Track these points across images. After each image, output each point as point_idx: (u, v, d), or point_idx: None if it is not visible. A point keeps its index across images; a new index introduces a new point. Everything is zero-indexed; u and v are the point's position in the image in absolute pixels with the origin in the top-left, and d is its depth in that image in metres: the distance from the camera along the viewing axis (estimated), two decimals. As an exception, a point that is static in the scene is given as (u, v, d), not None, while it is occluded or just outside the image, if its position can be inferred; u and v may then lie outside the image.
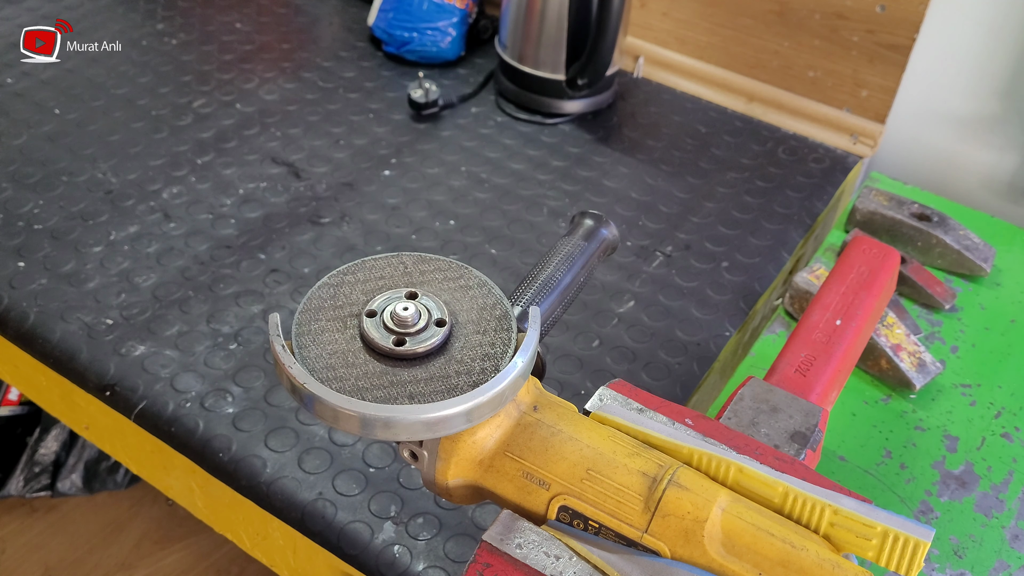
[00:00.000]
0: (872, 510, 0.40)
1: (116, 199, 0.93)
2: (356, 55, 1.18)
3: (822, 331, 0.62)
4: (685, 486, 0.40)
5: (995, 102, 1.00)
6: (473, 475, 0.44)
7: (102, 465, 1.49)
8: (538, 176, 1.00)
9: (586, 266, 0.52)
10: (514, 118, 1.08)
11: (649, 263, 0.90)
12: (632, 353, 0.80)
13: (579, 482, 0.41)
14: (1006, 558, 0.65)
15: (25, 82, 1.09)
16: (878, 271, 0.69)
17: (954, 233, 0.88)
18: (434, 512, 0.67)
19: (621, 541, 0.41)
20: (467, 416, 0.40)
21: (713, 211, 0.96)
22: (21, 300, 0.81)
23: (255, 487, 0.69)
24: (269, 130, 1.04)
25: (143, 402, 0.73)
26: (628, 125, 1.09)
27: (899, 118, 1.06)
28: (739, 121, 1.10)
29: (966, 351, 0.81)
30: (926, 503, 0.68)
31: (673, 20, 1.14)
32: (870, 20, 1.00)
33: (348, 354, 0.42)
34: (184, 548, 1.45)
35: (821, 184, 1.01)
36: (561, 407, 0.46)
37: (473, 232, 0.92)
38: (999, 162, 1.02)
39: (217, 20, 1.24)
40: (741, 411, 0.53)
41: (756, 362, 0.79)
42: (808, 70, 1.07)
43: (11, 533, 1.45)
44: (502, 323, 0.44)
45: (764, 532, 0.39)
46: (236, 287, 0.84)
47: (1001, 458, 0.72)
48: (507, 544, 0.40)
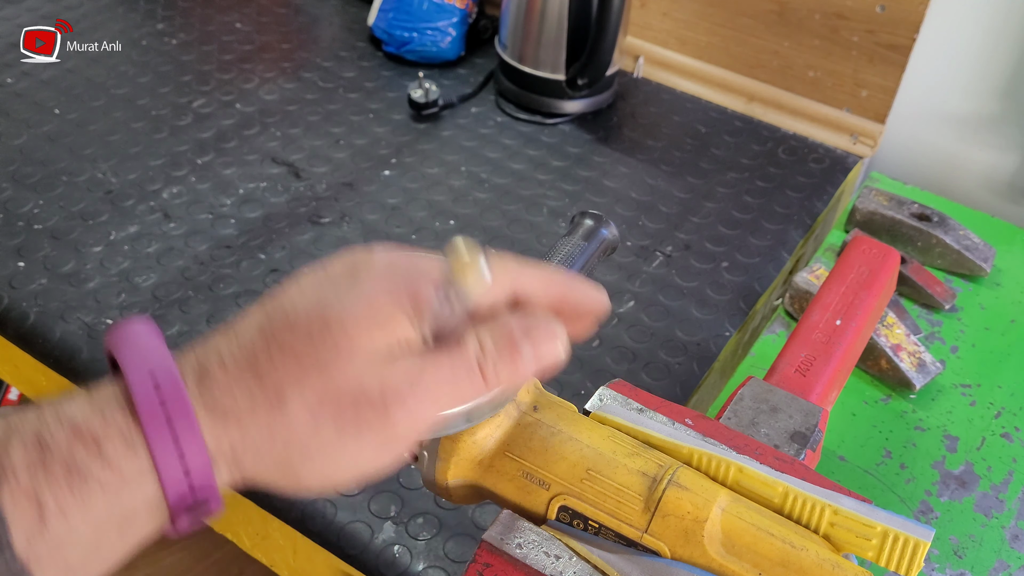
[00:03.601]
0: (872, 510, 0.40)
1: (116, 199, 0.93)
2: (356, 55, 1.18)
3: (822, 331, 0.62)
4: (685, 486, 0.40)
5: (995, 102, 1.00)
6: (473, 475, 0.44)
7: (102, 465, 1.49)
8: (538, 176, 1.00)
9: (586, 266, 0.52)
10: (514, 118, 1.08)
11: (649, 263, 0.90)
12: (632, 353, 0.80)
13: (579, 482, 0.41)
14: (1006, 558, 0.65)
15: (25, 82, 1.09)
16: (878, 271, 0.69)
17: (954, 233, 0.88)
18: (434, 512, 0.67)
19: (621, 541, 0.41)
20: (467, 416, 0.40)
21: (713, 211, 0.96)
22: (21, 300, 0.81)
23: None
24: (269, 130, 1.04)
25: (143, 402, 0.73)
26: (628, 125, 1.09)
27: (899, 118, 1.06)
28: (739, 121, 1.10)
29: (966, 351, 0.81)
30: (926, 503, 0.68)
31: (673, 20, 1.14)
32: (870, 20, 1.00)
33: (348, 354, 0.42)
34: (184, 548, 1.45)
35: (821, 184, 1.01)
36: (561, 407, 0.46)
37: (473, 232, 0.92)
38: (999, 162, 1.02)
39: (217, 20, 1.24)
40: (741, 411, 0.53)
41: (756, 362, 0.79)
42: (808, 70, 1.07)
43: (11, 533, 1.45)
44: (502, 323, 0.44)
45: (764, 532, 0.39)
46: (236, 287, 0.84)
47: (1001, 458, 0.72)
48: (507, 544, 0.40)
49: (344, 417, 0.31)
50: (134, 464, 0.30)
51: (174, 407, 0.30)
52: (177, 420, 0.30)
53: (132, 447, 0.30)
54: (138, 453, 0.30)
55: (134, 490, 0.30)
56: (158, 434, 0.30)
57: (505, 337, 0.34)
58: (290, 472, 0.32)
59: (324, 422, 0.31)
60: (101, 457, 0.29)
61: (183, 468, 0.30)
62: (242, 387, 0.31)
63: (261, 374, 0.31)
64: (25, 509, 0.28)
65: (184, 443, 0.30)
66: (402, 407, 0.31)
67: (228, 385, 0.31)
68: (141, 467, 0.30)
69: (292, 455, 0.31)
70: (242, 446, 0.31)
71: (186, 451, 0.30)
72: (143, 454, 0.30)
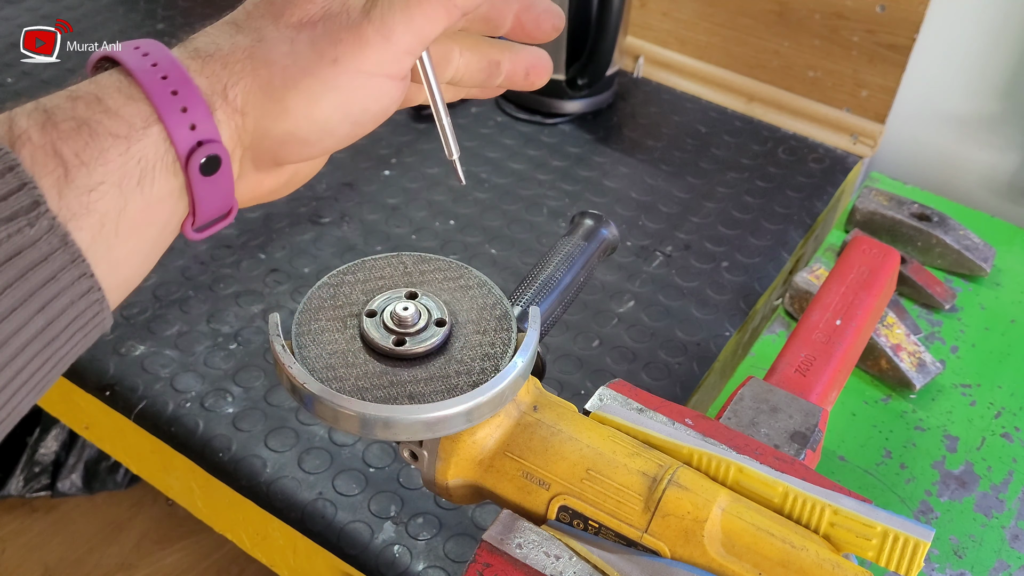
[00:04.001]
0: (872, 510, 0.40)
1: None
2: (356, 55, 1.18)
3: (822, 331, 0.62)
4: (685, 486, 0.40)
5: (995, 102, 1.00)
6: (473, 475, 0.44)
7: (102, 465, 1.49)
8: (538, 176, 1.00)
9: (586, 266, 0.52)
10: (514, 118, 1.08)
11: (649, 263, 0.90)
12: (632, 353, 0.80)
13: (579, 482, 0.41)
14: (1006, 558, 0.65)
15: (25, 82, 1.09)
16: (878, 271, 0.69)
17: (954, 233, 0.88)
18: (434, 512, 0.67)
19: (621, 541, 0.41)
20: (467, 416, 0.40)
21: (713, 211, 0.96)
22: (21, 300, 0.81)
23: (255, 487, 0.69)
24: (269, 130, 1.04)
25: (143, 402, 0.73)
26: (628, 125, 1.09)
27: (899, 118, 1.06)
28: (739, 121, 1.10)
29: (966, 351, 0.81)
30: (926, 503, 0.68)
31: (673, 20, 1.14)
32: (870, 20, 1.00)
33: (348, 354, 0.42)
34: (184, 548, 1.45)
35: (821, 184, 1.01)
36: (561, 407, 0.46)
37: (473, 232, 0.92)
38: (999, 162, 1.02)
39: (217, 20, 1.24)
40: (741, 411, 0.54)
41: (756, 362, 0.79)
42: (808, 70, 1.07)
43: (11, 533, 1.45)
44: (502, 323, 0.44)
45: (764, 532, 0.39)
46: (236, 287, 0.84)
47: (1001, 458, 0.72)
48: (507, 544, 0.40)
49: (316, 32, 0.33)
50: (136, 111, 0.31)
51: (161, 59, 0.32)
52: (166, 67, 0.31)
53: (132, 98, 0.31)
54: (138, 102, 0.31)
55: (143, 139, 0.31)
56: (151, 82, 0.31)
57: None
58: (275, 98, 0.33)
59: (300, 42, 0.33)
60: (105, 111, 0.30)
61: (181, 106, 0.31)
62: (224, 35, 0.34)
63: (240, 23, 0.34)
64: (45, 164, 0.29)
65: (177, 84, 0.31)
66: (369, 23, 0.33)
67: (211, 39, 0.34)
68: (144, 114, 0.31)
69: (274, 78, 0.33)
70: (229, 80, 0.32)
71: (180, 90, 0.31)
72: (143, 102, 0.31)
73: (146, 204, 0.31)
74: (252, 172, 0.35)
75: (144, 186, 0.31)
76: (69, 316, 0.29)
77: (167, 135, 0.31)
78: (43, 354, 0.29)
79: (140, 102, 0.31)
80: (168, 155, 0.31)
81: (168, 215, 0.32)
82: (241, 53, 0.33)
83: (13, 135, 0.29)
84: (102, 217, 0.30)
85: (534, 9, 0.40)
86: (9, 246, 0.27)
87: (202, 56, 0.33)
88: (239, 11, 0.35)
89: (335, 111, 0.34)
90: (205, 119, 0.31)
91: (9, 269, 0.26)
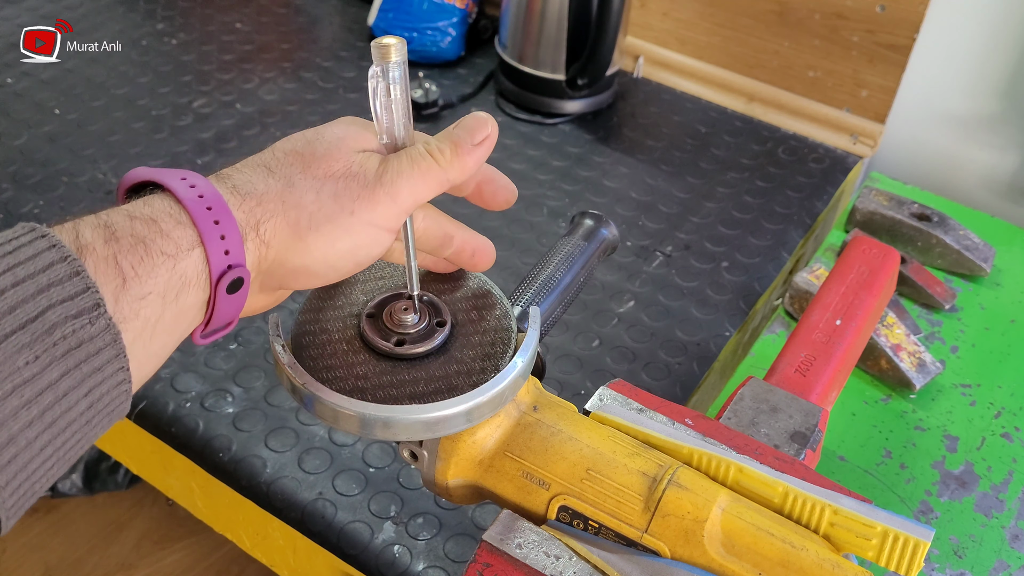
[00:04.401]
0: (872, 510, 0.40)
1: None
2: (356, 55, 1.18)
3: (822, 331, 0.62)
4: (685, 486, 0.40)
5: (995, 102, 1.00)
6: (473, 475, 0.44)
7: (102, 465, 1.49)
8: (538, 176, 1.00)
9: (586, 266, 0.52)
10: (514, 118, 1.08)
11: (649, 263, 0.90)
12: (632, 353, 0.80)
13: (579, 482, 0.41)
14: (1006, 558, 0.65)
15: (25, 82, 1.09)
16: (878, 271, 0.69)
17: (954, 233, 0.88)
18: (434, 512, 0.67)
19: (621, 541, 0.41)
20: (467, 416, 0.40)
21: (713, 211, 0.96)
22: (21, 300, 0.81)
23: (255, 487, 0.69)
24: (269, 130, 1.04)
25: (143, 402, 0.73)
26: (628, 125, 1.09)
27: (899, 118, 1.06)
28: (739, 121, 1.10)
29: (966, 351, 0.81)
30: (926, 503, 0.68)
31: (673, 20, 1.14)
32: (870, 20, 1.00)
33: (348, 354, 0.42)
34: (184, 548, 1.45)
35: (821, 184, 1.01)
36: (561, 407, 0.46)
37: (473, 232, 0.92)
38: (999, 162, 1.02)
39: (217, 20, 1.24)
40: (741, 411, 0.54)
41: (756, 362, 0.79)
42: (808, 70, 1.07)
43: (11, 533, 1.45)
44: (502, 323, 0.44)
45: (764, 532, 0.39)
46: (236, 287, 0.84)
47: (1001, 458, 0.72)
48: (507, 544, 0.40)
49: (339, 186, 0.40)
50: (183, 235, 0.36)
51: (206, 192, 0.37)
52: (210, 199, 0.37)
53: (180, 223, 0.36)
54: (186, 227, 0.36)
55: (187, 259, 0.36)
56: (199, 212, 0.36)
57: (442, 133, 0.42)
58: (299, 237, 0.39)
59: (324, 193, 0.39)
60: (159, 232, 0.36)
61: (220, 234, 0.36)
62: (259, 177, 0.39)
63: (272, 168, 0.40)
64: (107, 273, 0.34)
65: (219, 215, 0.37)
66: (381, 186, 0.40)
67: (247, 177, 0.39)
68: (190, 238, 0.36)
69: (300, 220, 0.39)
70: (262, 216, 0.38)
71: (221, 220, 0.37)
72: (190, 228, 0.36)
73: (178, 312, 0.36)
74: (256, 292, 0.41)
75: (180, 298, 0.36)
76: (104, 402, 0.34)
77: (206, 257, 0.36)
78: (80, 431, 0.34)
79: (188, 227, 0.36)
80: (203, 274, 0.36)
81: (189, 322, 0.38)
82: (274, 195, 0.39)
83: (80, 244, 0.34)
84: (144, 322, 0.35)
85: (494, 184, 0.48)
86: (74, 339, 0.32)
87: (240, 193, 0.38)
88: (270, 156, 0.41)
89: (346, 252, 0.40)
90: (238, 247, 0.37)
91: (70, 358, 0.32)
